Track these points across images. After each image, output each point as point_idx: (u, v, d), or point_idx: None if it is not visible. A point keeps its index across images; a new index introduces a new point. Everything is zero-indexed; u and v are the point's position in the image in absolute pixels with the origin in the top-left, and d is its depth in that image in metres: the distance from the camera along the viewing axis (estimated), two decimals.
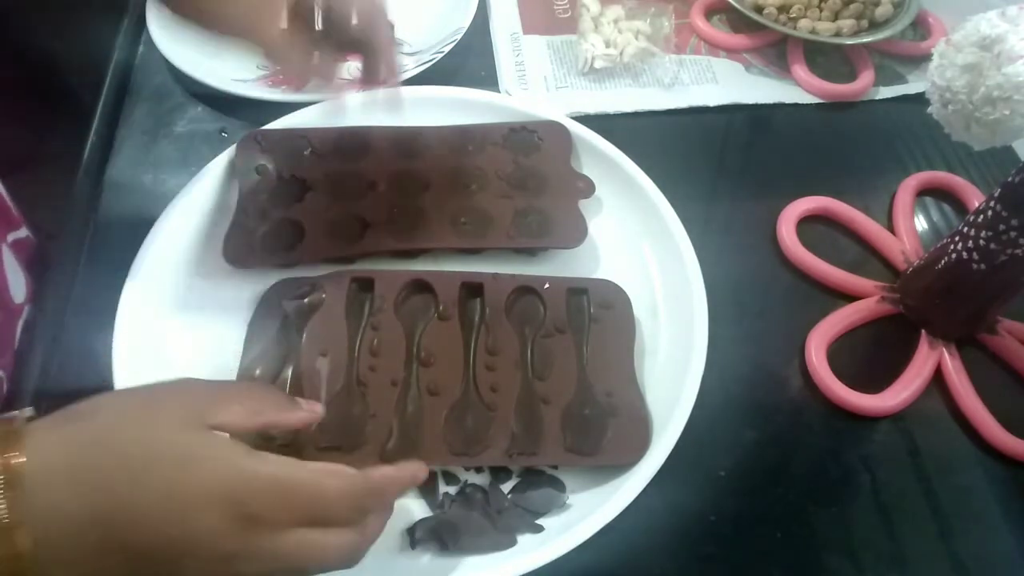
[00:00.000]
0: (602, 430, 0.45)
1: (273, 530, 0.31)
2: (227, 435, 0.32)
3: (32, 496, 0.28)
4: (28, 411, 0.31)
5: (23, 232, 0.53)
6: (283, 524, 0.31)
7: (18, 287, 0.50)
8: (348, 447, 0.42)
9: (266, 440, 0.40)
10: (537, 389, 0.46)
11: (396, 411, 0.44)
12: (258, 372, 0.46)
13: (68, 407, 0.31)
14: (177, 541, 0.29)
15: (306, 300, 0.48)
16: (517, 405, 0.45)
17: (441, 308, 0.48)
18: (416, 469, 0.37)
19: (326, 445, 0.42)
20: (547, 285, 0.49)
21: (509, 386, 0.45)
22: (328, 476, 0.32)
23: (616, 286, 0.51)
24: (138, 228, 0.54)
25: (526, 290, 0.49)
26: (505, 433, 0.44)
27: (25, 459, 0.28)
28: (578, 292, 0.50)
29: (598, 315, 0.49)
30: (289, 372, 0.45)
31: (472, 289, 0.49)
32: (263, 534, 0.30)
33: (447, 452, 0.43)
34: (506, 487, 0.45)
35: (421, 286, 0.49)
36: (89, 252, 0.54)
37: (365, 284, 0.49)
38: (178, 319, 0.49)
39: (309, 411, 0.38)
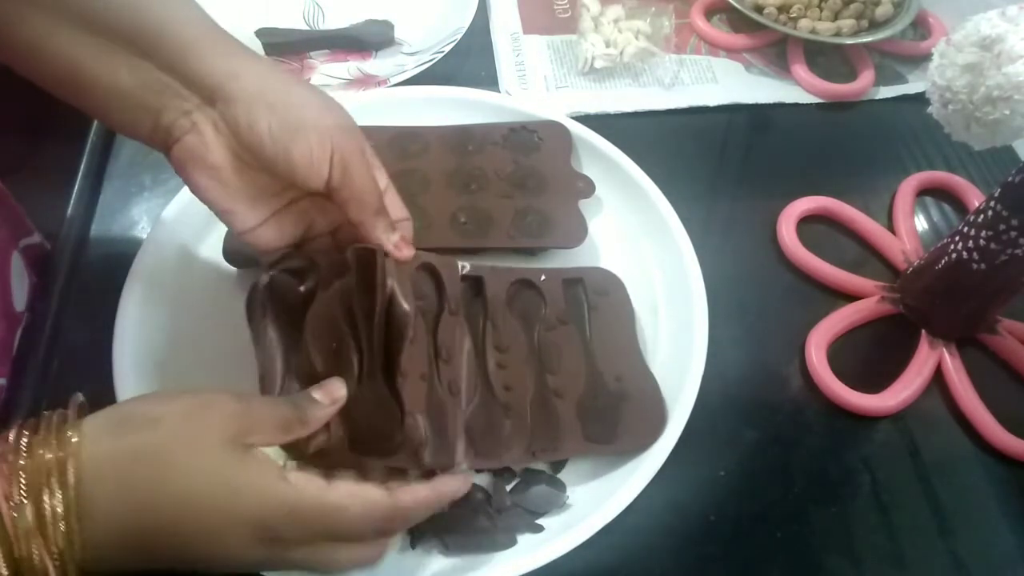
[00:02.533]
0: (617, 417, 0.45)
1: (297, 545, 0.34)
2: (262, 454, 0.34)
3: (87, 501, 0.30)
4: (79, 398, 0.34)
5: (36, 238, 0.53)
6: (306, 541, 0.34)
7: (21, 295, 0.50)
8: (384, 451, 0.40)
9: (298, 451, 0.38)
10: (549, 384, 0.46)
11: (427, 409, 0.41)
12: (279, 378, 0.42)
13: (124, 408, 0.34)
14: (209, 555, 0.32)
15: (302, 288, 0.43)
16: (532, 402, 0.45)
17: (450, 302, 0.46)
18: (457, 487, 0.39)
19: (362, 453, 0.40)
20: (543, 277, 0.49)
21: (521, 383, 0.45)
22: (353, 501, 0.34)
23: (609, 272, 0.51)
24: (138, 229, 0.55)
25: (525, 284, 0.49)
26: (524, 431, 0.44)
27: (81, 466, 0.30)
28: (573, 282, 0.50)
29: (595, 303, 0.49)
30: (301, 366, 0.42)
31: (473, 284, 0.48)
32: (287, 548, 0.34)
33: (475, 455, 0.42)
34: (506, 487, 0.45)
35: (428, 271, 0.46)
36: (89, 253, 0.54)
37: (364, 262, 0.44)
38: (178, 320, 0.49)
39: (331, 403, 0.38)
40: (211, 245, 0.52)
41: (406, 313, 0.40)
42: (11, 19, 0.35)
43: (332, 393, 0.38)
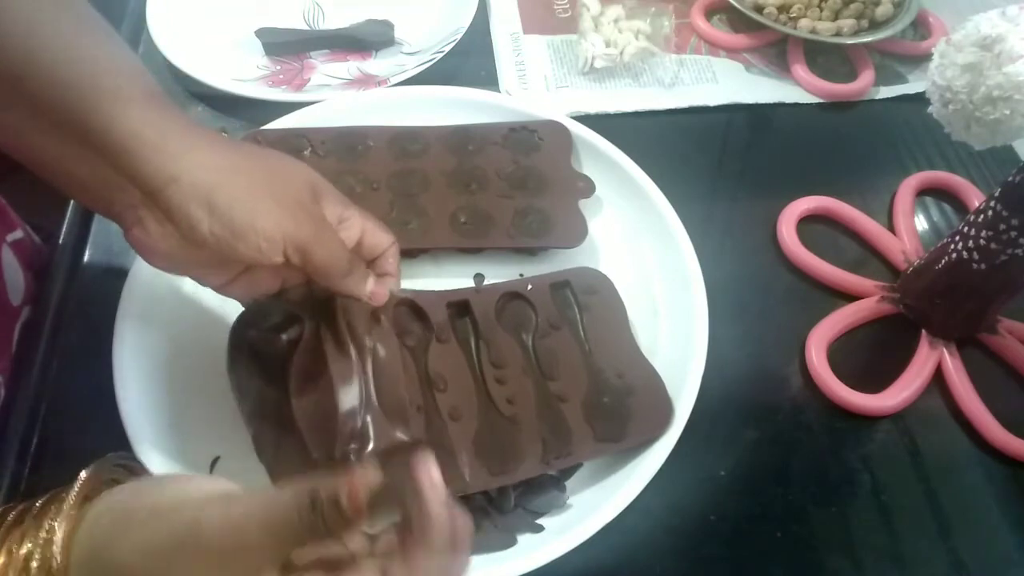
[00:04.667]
0: (625, 412, 0.45)
1: None
2: None
3: None
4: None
5: (19, 233, 0.53)
6: None
7: (16, 289, 0.50)
8: None
9: None
10: (551, 390, 0.46)
11: (428, 439, 0.42)
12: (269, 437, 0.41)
13: (100, 537, 0.29)
14: None
15: (284, 336, 0.43)
16: (537, 411, 0.45)
17: (437, 331, 0.47)
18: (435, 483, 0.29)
19: None
20: (530, 286, 0.49)
21: (524, 395, 0.45)
22: None
23: (596, 271, 0.51)
24: None
25: (512, 296, 0.49)
26: (535, 441, 0.44)
27: None
28: (561, 285, 0.50)
29: (586, 302, 0.49)
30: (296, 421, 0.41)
31: (459, 307, 0.48)
32: None
33: (487, 475, 0.42)
34: None
35: (409, 307, 0.47)
36: (89, 252, 0.54)
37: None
38: (178, 319, 0.49)
39: (355, 514, 0.27)
40: None
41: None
42: None
43: (354, 496, 0.27)
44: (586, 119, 0.61)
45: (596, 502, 0.43)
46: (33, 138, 0.36)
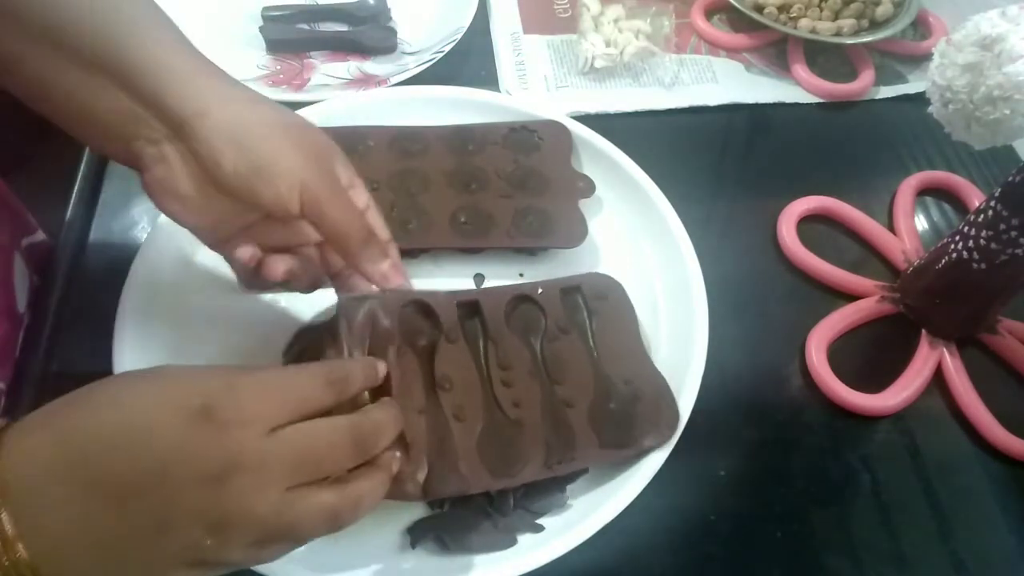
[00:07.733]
0: (631, 419, 0.45)
1: (241, 435, 0.30)
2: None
3: (19, 499, 0.27)
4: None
5: (39, 236, 0.53)
6: (248, 425, 0.30)
7: (23, 295, 0.50)
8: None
9: None
10: (558, 394, 0.45)
11: (428, 441, 0.42)
12: None
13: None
14: (150, 466, 0.28)
15: (293, 348, 0.46)
16: (543, 415, 0.44)
17: (447, 331, 0.46)
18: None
19: None
20: (540, 291, 0.49)
21: (530, 398, 0.45)
22: (301, 370, 0.34)
23: (607, 276, 0.51)
24: (138, 229, 0.55)
25: (521, 299, 0.49)
26: (539, 445, 0.43)
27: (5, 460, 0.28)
28: (571, 290, 0.50)
29: (595, 307, 0.49)
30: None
31: (468, 308, 0.48)
32: (229, 449, 0.29)
33: (489, 476, 0.42)
34: None
35: (418, 307, 0.47)
36: (89, 252, 0.54)
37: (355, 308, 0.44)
38: (179, 321, 0.49)
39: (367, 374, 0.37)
40: None
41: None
42: None
43: (370, 367, 0.38)
44: (586, 119, 0.60)
45: (596, 502, 0.43)
46: (51, 69, 0.36)
